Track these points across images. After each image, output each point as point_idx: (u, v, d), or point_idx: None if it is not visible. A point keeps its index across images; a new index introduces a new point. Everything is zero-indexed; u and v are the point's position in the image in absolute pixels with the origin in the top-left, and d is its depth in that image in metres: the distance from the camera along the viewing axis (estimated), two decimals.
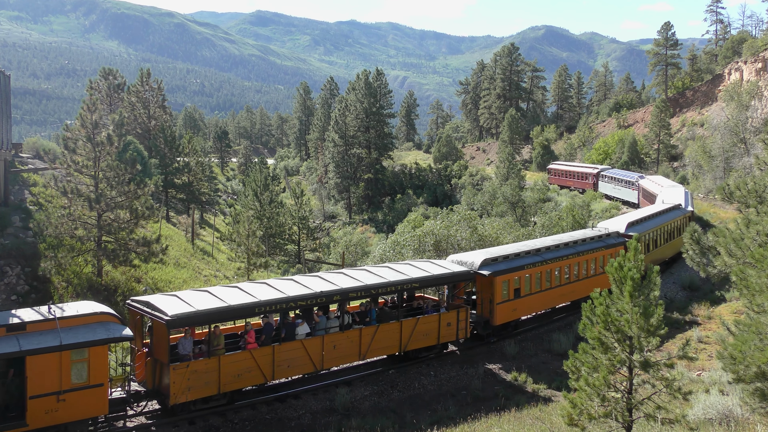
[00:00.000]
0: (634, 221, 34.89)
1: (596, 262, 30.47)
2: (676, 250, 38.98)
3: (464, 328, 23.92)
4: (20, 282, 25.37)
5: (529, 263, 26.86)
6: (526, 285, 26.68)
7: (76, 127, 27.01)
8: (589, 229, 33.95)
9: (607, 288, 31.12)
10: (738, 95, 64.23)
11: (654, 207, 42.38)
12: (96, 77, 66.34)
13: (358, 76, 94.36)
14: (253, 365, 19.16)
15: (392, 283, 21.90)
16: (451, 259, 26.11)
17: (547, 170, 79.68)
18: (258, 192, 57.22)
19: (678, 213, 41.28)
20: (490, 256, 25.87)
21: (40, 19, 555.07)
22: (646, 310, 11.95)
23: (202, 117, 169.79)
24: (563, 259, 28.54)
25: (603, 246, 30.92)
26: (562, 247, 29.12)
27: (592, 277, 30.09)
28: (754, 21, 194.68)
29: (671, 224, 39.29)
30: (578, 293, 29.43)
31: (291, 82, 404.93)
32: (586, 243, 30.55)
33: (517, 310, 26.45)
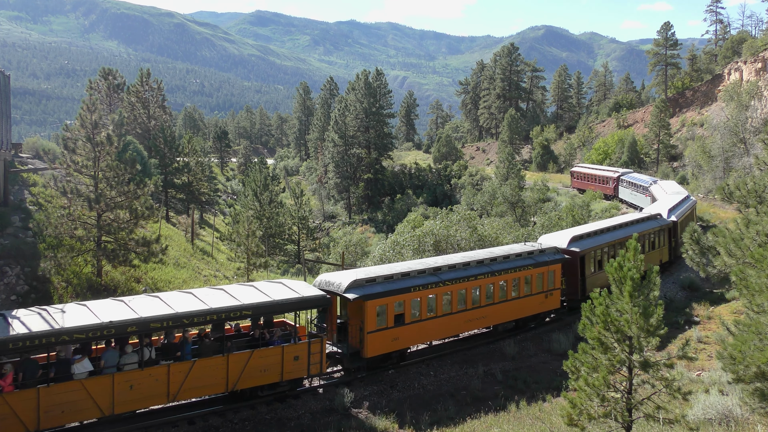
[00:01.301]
0: (579, 236, 31.17)
1: (521, 282, 26.78)
2: None
3: (318, 363, 20.12)
4: (20, 282, 25.36)
5: (420, 284, 22.93)
6: (414, 310, 22.82)
7: (75, 127, 27.00)
8: (522, 243, 30.22)
9: (537, 312, 26.97)
10: (738, 95, 64.28)
11: (616, 219, 38.12)
12: (96, 77, 66.31)
13: (358, 76, 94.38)
14: (8, 412, 15.41)
15: (206, 312, 18.11)
16: (319, 280, 22.59)
17: (571, 173, 74.77)
18: (258, 192, 57.21)
19: (651, 225, 36.60)
20: (364, 277, 22.12)
21: (39, 19, 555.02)
22: (646, 310, 11.95)
23: (201, 117, 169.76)
24: (471, 279, 24.67)
25: (531, 264, 27.09)
26: (473, 265, 25.33)
27: (517, 300, 26.70)
28: (753, 21, 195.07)
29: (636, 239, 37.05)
30: (497, 317, 26.12)
31: (291, 82, 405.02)
32: (508, 261, 26.70)
33: (399, 339, 22.37)
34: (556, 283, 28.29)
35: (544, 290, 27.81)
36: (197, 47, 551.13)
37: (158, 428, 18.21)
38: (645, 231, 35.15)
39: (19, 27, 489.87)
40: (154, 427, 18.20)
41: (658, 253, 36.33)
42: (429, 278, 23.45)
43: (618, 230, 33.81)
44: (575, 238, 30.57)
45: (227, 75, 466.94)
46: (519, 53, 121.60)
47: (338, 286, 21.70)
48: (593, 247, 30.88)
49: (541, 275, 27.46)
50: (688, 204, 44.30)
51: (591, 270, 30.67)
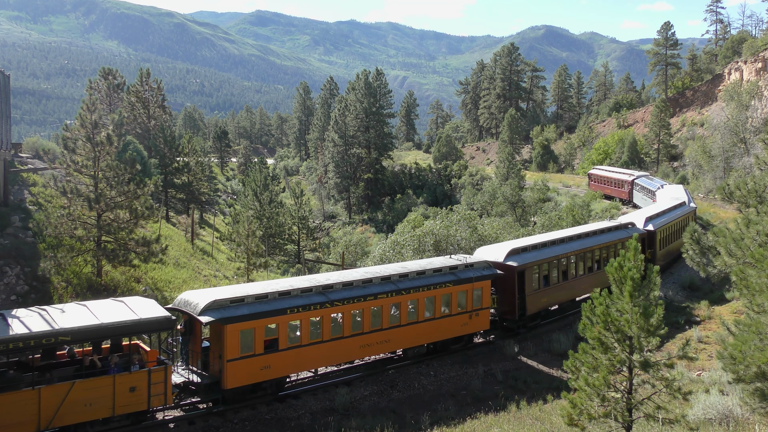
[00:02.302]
0: (521, 248, 27.90)
1: (437, 301, 23.82)
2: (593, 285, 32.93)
3: (162, 394, 17.54)
4: (20, 282, 25.36)
5: (301, 305, 20.29)
6: (291, 334, 20.30)
7: (75, 127, 27.01)
8: (447, 257, 27.01)
9: (459, 335, 24.53)
10: (738, 95, 64.26)
11: (576, 229, 34.52)
12: (96, 77, 66.34)
13: (358, 76, 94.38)
14: None
15: (7, 340, 15.47)
16: (179, 299, 20.13)
17: (588, 176, 71.44)
18: (258, 192, 57.21)
19: (617, 235, 33.08)
20: (229, 297, 19.44)
21: (39, 19, 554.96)
22: (646, 310, 11.94)
23: (201, 117, 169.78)
24: (370, 299, 21.80)
25: (451, 281, 24.13)
26: (375, 283, 22.42)
27: (431, 321, 23.69)
28: (754, 21, 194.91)
29: (591, 252, 31.28)
30: (406, 341, 23.11)
31: (291, 82, 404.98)
32: (422, 277, 23.72)
33: (272, 367, 19.66)
34: (484, 302, 25.13)
35: (468, 310, 24.56)
36: (197, 47, 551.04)
37: (158, 428, 18.22)
38: (608, 242, 32.00)
39: (19, 27, 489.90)
40: (154, 427, 18.21)
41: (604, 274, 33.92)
42: (314, 298, 20.73)
43: (572, 242, 30.47)
44: (515, 251, 27.47)
45: (227, 75, 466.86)
46: (519, 53, 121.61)
47: (194, 306, 19.07)
48: (537, 261, 27.61)
49: (463, 293, 24.44)
50: (679, 212, 41.07)
51: (534, 286, 27.39)
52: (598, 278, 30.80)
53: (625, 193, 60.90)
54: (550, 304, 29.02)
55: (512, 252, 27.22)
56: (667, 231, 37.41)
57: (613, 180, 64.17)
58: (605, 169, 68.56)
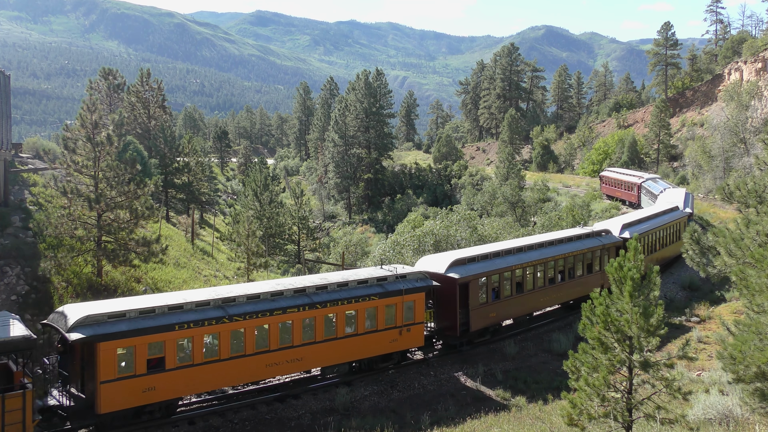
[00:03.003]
0: (467, 258, 25.55)
1: (360, 315, 21.79)
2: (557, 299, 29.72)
3: (20, 422, 15.22)
4: (20, 282, 25.37)
5: (193, 320, 18.39)
6: (181, 353, 18.39)
7: (76, 127, 27.03)
8: (377, 267, 24.87)
9: (387, 352, 22.49)
10: (738, 95, 64.29)
11: (539, 237, 32.52)
12: (96, 77, 66.33)
13: (358, 76, 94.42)
14: None
15: None
16: (54, 314, 18.42)
17: (600, 178, 69.01)
18: (258, 192, 57.20)
19: (586, 244, 30.72)
20: (107, 311, 17.62)
21: (40, 19, 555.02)
22: (646, 310, 11.95)
23: (202, 117, 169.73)
24: (278, 313, 19.87)
25: (377, 293, 22.12)
26: (287, 296, 20.50)
27: (353, 337, 21.66)
28: (754, 21, 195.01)
29: (554, 263, 28.83)
30: (322, 359, 21.17)
31: (291, 82, 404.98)
32: (344, 289, 21.72)
33: (157, 389, 17.86)
34: (417, 317, 22.97)
35: (398, 325, 22.40)
36: (197, 47, 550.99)
37: (158, 428, 18.23)
38: (575, 251, 29.87)
39: (19, 27, 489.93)
40: (154, 427, 18.22)
41: (597, 277, 30.75)
42: (211, 312, 18.89)
43: (530, 251, 28.18)
44: (459, 261, 25.03)
45: (227, 75, 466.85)
46: (519, 53, 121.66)
47: (65, 322, 17.27)
48: (484, 272, 25.36)
49: (392, 307, 22.32)
50: (667, 217, 38.78)
51: (479, 300, 25.17)
52: (561, 290, 29.34)
53: (634, 197, 58.71)
54: (500, 319, 26.76)
55: (455, 263, 24.87)
56: (648, 238, 34.94)
57: (622, 183, 61.94)
58: (616, 171, 66.02)
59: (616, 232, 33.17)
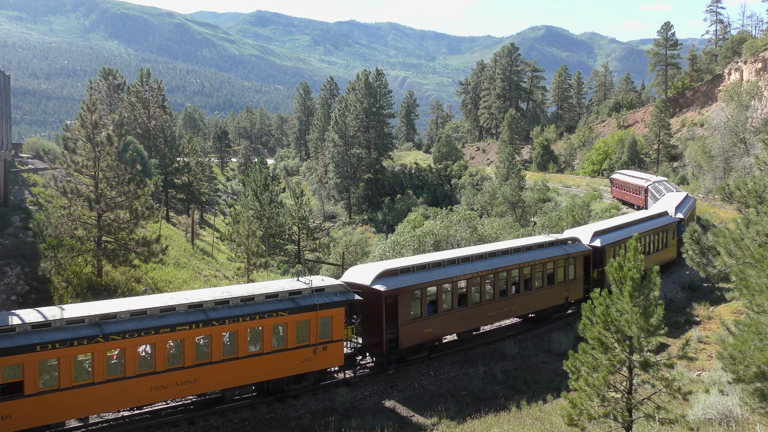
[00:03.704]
0: (397, 269, 23.38)
1: (266, 333, 19.87)
2: (511, 312, 27.33)
3: None
4: (20, 282, 25.37)
5: (57, 341, 16.57)
6: (46, 376, 16.63)
7: (76, 127, 27.04)
8: (293, 279, 22.55)
9: (300, 372, 20.29)
10: (738, 95, 64.30)
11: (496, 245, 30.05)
12: (96, 77, 66.37)
13: (358, 77, 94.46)
14: None
15: None
16: None
17: (610, 180, 66.68)
18: (258, 192, 57.19)
19: (547, 254, 28.40)
20: None
21: (40, 19, 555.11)
22: (646, 310, 11.96)
23: (202, 117, 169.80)
24: (164, 331, 18.05)
25: (287, 308, 20.12)
26: (180, 311, 18.74)
27: (260, 356, 19.75)
28: (754, 21, 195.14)
29: (507, 273, 26.58)
30: (222, 381, 19.23)
31: (291, 82, 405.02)
32: (250, 304, 19.81)
33: (14, 417, 16.14)
34: (335, 333, 21.07)
35: (312, 343, 20.53)
36: (197, 47, 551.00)
37: (158, 428, 18.23)
38: (533, 261, 27.79)
39: (19, 27, 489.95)
40: (154, 427, 18.23)
41: (560, 288, 29.05)
42: (82, 331, 17.03)
43: (477, 261, 25.90)
44: (387, 272, 22.97)
45: (227, 75, 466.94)
46: (519, 53, 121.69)
47: None
48: (418, 284, 23.24)
49: (305, 323, 20.45)
50: (651, 224, 36.02)
51: (412, 315, 22.97)
52: (516, 303, 27.11)
53: (642, 200, 56.21)
54: (438, 335, 24.50)
55: (383, 274, 22.80)
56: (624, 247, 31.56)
57: (631, 186, 59.61)
58: (626, 174, 63.28)
59: (585, 239, 31.16)
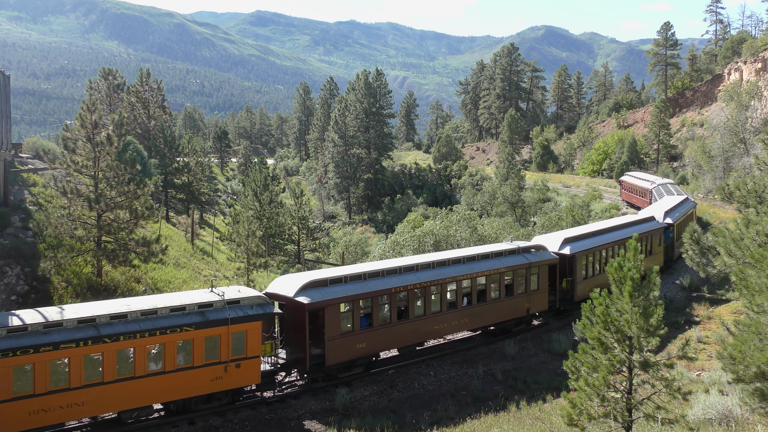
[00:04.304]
0: (326, 279, 21.62)
1: (169, 350, 18.21)
2: (464, 325, 25.66)
3: None
4: (20, 282, 25.37)
5: None
6: None
7: (75, 127, 27.03)
8: (208, 290, 20.24)
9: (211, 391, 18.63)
10: (738, 95, 64.30)
11: (429, 255, 27.50)
12: (96, 77, 66.37)
13: (358, 77, 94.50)
14: None
15: None
16: None
17: (619, 182, 65.18)
18: (258, 192, 57.17)
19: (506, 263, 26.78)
20: None
21: (39, 19, 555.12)
22: (647, 310, 11.96)
23: (201, 117, 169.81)
24: (45, 350, 16.57)
25: (194, 323, 18.54)
26: (68, 327, 17.14)
27: (162, 375, 18.14)
28: (753, 21, 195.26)
29: (456, 284, 24.84)
30: (111, 403, 17.65)
31: (291, 82, 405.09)
32: (152, 318, 18.21)
33: None
34: (251, 350, 19.41)
35: (224, 360, 18.98)
36: (197, 47, 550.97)
37: (158, 428, 18.23)
38: (486, 271, 25.82)
39: (19, 27, 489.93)
40: (155, 427, 18.23)
41: (520, 300, 27.32)
42: None
43: (422, 271, 24.06)
44: (313, 284, 21.23)
45: (227, 75, 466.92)
46: (519, 53, 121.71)
47: None
48: (349, 296, 21.60)
49: (214, 339, 18.87)
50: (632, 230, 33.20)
51: (341, 329, 21.44)
52: (470, 316, 25.43)
53: (647, 203, 54.23)
54: (374, 350, 22.63)
55: (309, 285, 21.08)
56: (597, 256, 31.01)
57: (637, 188, 58.35)
58: (633, 176, 61.78)
59: (554, 247, 29.37)
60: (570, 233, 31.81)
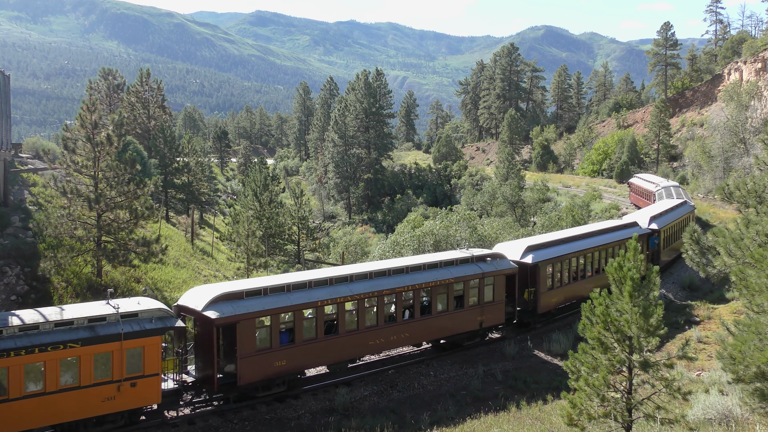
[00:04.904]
0: (240, 293, 19.58)
1: (51, 369, 16.55)
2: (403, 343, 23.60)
3: None
4: (20, 282, 25.37)
5: None
6: None
7: (75, 127, 27.03)
8: (104, 303, 18.53)
9: (98, 414, 16.85)
10: (738, 95, 64.32)
11: (382, 263, 25.49)
12: (96, 77, 66.47)
13: (358, 77, 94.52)
14: None
15: None
16: None
17: (628, 185, 63.54)
18: (257, 192, 57.15)
19: (454, 273, 24.51)
20: None
21: (39, 19, 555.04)
22: (646, 310, 11.96)
23: (201, 117, 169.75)
24: None
25: (81, 339, 16.88)
26: None
27: (41, 397, 16.38)
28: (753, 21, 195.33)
29: (396, 296, 22.87)
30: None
31: (291, 82, 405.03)
32: (31, 335, 16.45)
33: None
34: (149, 367, 17.86)
35: (116, 379, 17.40)
36: (197, 47, 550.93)
37: (158, 428, 18.23)
38: (432, 282, 23.68)
39: (19, 27, 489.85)
40: (155, 427, 18.22)
41: (472, 313, 25.05)
42: None
43: (355, 282, 22.05)
44: (226, 296, 19.33)
45: (227, 75, 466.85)
46: (519, 53, 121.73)
47: None
48: (266, 310, 19.64)
49: (105, 356, 17.21)
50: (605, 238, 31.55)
51: (257, 345, 19.54)
52: (408, 330, 23.28)
53: None
54: (296, 368, 20.70)
55: (222, 298, 19.23)
56: (563, 266, 28.96)
57: (644, 191, 56.71)
58: (641, 178, 59.99)
59: (515, 255, 27.40)
60: (535, 240, 29.85)
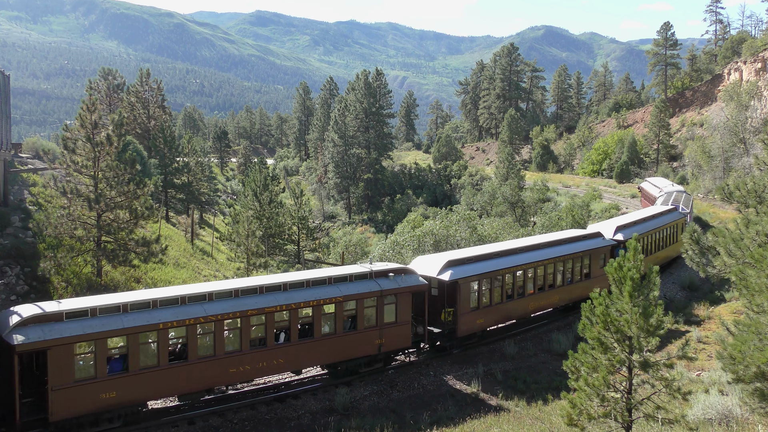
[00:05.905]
0: (54, 314, 16.76)
1: None
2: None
3: None
4: (20, 282, 25.36)
5: None
6: None
7: (75, 127, 27.01)
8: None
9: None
10: (737, 95, 64.34)
11: (243, 281, 21.95)
12: (95, 77, 66.44)
13: (358, 77, 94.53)
14: None
15: None
16: None
17: (639, 189, 62.85)
18: (257, 192, 57.12)
19: (346, 290, 21.48)
20: None
21: (39, 19, 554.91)
22: (646, 311, 11.96)
23: (201, 117, 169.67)
24: None
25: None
26: None
27: None
28: (753, 21, 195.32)
29: (265, 316, 19.88)
30: None
31: (290, 82, 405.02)
32: None
33: None
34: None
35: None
36: (197, 47, 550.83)
37: (158, 428, 18.23)
38: (314, 301, 20.72)
39: (19, 27, 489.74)
40: (155, 427, 18.22)
41: (369, 336, 22.08)
42: None
43: (224, 300, 19.35)
44: (38, 318, 16.50)
45: (227, 75, 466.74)
46: (519, 53, 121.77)
47: None
48: (94, 333, 16.86)
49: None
50: (557, 250, 28.86)
51: (74, 375, 16.73)
52: (283, 356, 20.25)
53: None
54: (131, 400, 17.65)
55: (32, 320, 16.38)
56: (499, 281, 26.05)
57: (649, 195, 55.68)
58: (650, 182, 58.95)
59: (432, 271, 24.26)
60: (458, 255, 25.97)
